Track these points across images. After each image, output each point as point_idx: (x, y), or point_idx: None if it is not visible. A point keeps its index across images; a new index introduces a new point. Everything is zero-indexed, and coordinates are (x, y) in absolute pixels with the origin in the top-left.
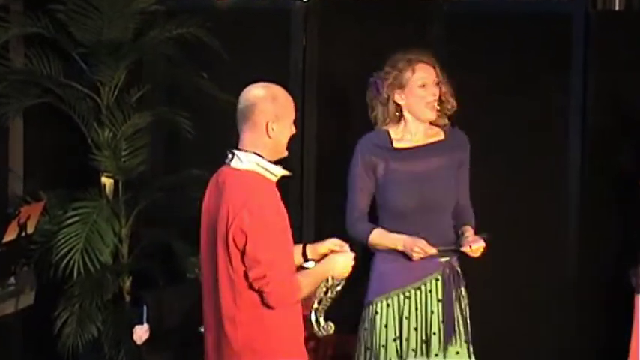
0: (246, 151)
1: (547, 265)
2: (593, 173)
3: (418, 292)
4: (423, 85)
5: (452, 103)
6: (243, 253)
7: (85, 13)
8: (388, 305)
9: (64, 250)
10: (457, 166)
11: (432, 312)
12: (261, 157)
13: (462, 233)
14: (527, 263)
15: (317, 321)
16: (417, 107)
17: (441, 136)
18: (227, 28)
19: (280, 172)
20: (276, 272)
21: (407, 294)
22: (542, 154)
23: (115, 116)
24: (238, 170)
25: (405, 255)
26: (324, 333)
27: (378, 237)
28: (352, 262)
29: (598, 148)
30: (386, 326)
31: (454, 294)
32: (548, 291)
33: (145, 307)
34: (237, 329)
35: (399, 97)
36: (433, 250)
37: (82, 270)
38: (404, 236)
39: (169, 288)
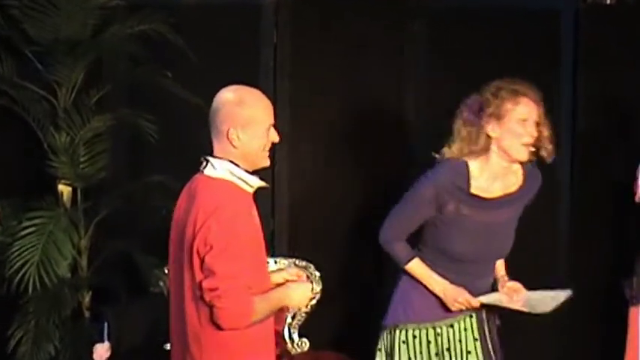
0: (220, 159)
1: (537, 274)
2: (583, 175)
3: (451, 330)
4: (523, 121)
5: (549, 151)
6: (203, 262)
7: (40, 9)
8: (414, 337)
9: (19, 264)
10: (521, 207)
11: (468, 352)
12: (237, 165)
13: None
14: (517, 272)
15: (290, 337)
16: (509, 144)
17: (519, 181)
18: (192, 24)
19: (257, 182)
20: (230, 288)
21: (438, 330)
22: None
23: (73, 119)
24: (212, 178)
25: None
26: (298, 350)
27: (418, 271)
28: (310, 293)
29: (589, 149)
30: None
31: (492, 331)
32: None
33: (105, 324)
34: (202, 351)
35: (491, 129)
36: (476, 304)
37: (37, 285)
38: (445, 283)
39: (132, 303)
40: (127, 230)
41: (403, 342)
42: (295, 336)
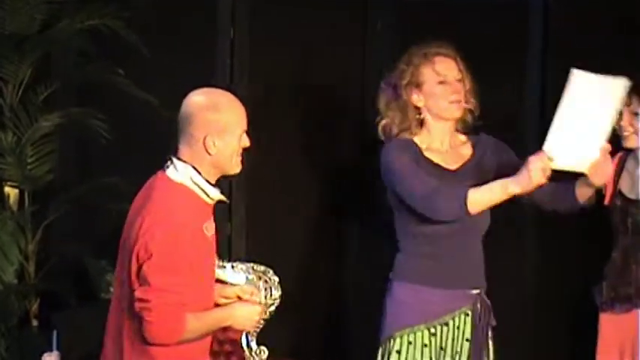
0: (184, 162)
1: (504, 277)
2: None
3: (445, 329)
4: (443, 82)
5: (473, 105)
6: (140, 269)
7: None
8: (410, 343)
9: None
10: (489, 173)
11: (456, 352)
12: (199, 173)
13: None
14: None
15: (249, 345)
16: (438, 106)
17: (469, 151)
18: (145, 19)
19: (216, 195)
20: (161, 302)
21: (432, 330)
22: None
23: (20, 118)
24: (172, 181)
25: (429, 285)
26: (257, 359)
27: (480, 191)
28: (257, 316)
29: None
30: None
31: (485, 333)
32: (507, 308)
33: (54, 333)
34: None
35: (417, 99)
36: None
37: None
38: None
39: (82, 310)
40: (77, 234)
41: (397, 352)
42: (253, 344)
